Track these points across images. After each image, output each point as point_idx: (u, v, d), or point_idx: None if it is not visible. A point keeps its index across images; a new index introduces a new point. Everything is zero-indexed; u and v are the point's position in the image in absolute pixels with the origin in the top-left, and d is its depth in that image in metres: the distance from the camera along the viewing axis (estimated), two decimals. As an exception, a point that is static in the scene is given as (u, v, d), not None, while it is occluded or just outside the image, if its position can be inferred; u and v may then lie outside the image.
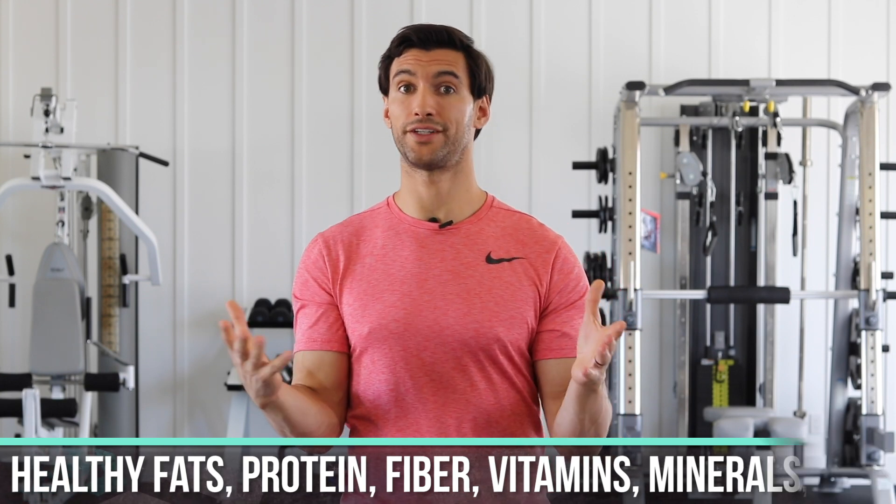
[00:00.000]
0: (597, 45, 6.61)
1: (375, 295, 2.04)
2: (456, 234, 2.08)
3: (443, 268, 2.05)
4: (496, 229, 2.09)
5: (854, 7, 6.64)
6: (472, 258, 2.06)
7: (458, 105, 2.06)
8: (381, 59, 2.12)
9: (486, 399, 2.02)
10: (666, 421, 6.57)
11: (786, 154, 6.22)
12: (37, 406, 5.30)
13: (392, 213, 2.12)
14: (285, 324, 6.26)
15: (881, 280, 5.72)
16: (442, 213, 2.09)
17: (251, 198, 6.59)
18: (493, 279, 2.04)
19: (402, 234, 2.09)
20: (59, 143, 5.71)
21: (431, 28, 2.09)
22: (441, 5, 6.56)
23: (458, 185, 2.09)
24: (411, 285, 2.03)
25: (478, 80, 2.10)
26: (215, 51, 6.59)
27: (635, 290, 5.57)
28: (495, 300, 2.03)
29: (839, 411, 6.13)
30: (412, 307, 2.02)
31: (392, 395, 2.03)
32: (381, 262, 2.07)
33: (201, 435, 6.57)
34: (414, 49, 2.07)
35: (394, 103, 2.09)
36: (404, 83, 2.06)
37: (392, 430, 2.02)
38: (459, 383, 2.01)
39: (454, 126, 2.05)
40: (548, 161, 6.54)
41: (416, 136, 2.04)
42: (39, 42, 6.56)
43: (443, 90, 2.05)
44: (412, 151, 2.05)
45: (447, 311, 2.02)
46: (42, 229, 6.35)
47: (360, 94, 6.58)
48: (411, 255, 2.06)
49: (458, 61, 2.08)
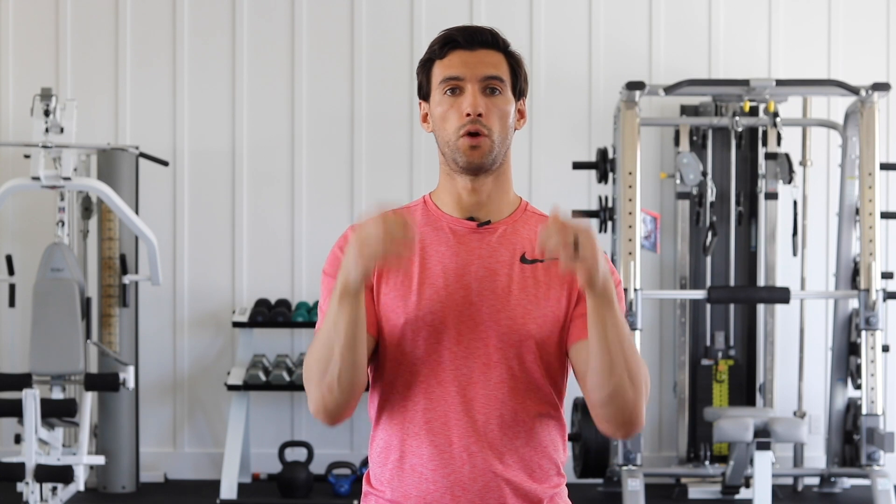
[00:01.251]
0: (597, 45, 6.61)
1: (412, 287, 2.06)
2: (493, 233, 2.11)
3: (479, 265, 2.07)
4: (530, 232, 2.12)
5: (854, 7, 6.64)
6: (507, 257, 2.09)
7: (504, 107, 2.08)
8: (421, 63, 2.13)
9: (515, 398, 2.04)
10: (666, 421, 6.58)
11: (786, 154, 6.22)
12: (37, 406, 5.30)
13: (429, 210, 2.14)
14: (285, 324, 6.26)
15: (881, 280, 5.72)
16: (480, 214, 2.12)
17: (251, 198, 6.59)
18: (526, 278, 2.07)
19: (441, 230, 2.11)
20: (59, 143, 5.71)
21: (476, 29, 2.10)
22: (441, 5, 6.56)
23: (498, 188, 2.12)
24: (448, 280, 2.05)
25: (518, 82, 2.12)
26: (215, 51, 6.59)
27: (635, 290, 5.58)
28: (528, 298, 2.05)
29: (839, 411, 6.13)
30: (448, 301, 2.04)
31: (422, 387, 2.04)
32: (419, 255, 2.08)
33: (201, 435, 6.57)
34: (459, 50, 2.08)
35: (440, 106, 2.08)
36: (451, 86, 2.07)
37: (420, 423, 2.03)
38: (490, 379, 2.03)
39: (499, 129, 2.07)
40: (548, 161, 6.55)
41: (469, 139, 2.05)
42: (39, 42, 6.56)
43: (489, 92, 2.07)
44: (463, 155, 2.06)
45: (482, 307, 2.04)
46: (42, 229, 6.35)
47: (360, 94, 6.58)
48: (448, 251, 2.08)
49: (502, 63, 2.09)
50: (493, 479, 2.02)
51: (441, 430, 2.02)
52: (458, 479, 2.02)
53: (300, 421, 6.55)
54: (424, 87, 2.12)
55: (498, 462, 2.02)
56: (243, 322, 6.22)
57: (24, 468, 5.27)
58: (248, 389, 6.10)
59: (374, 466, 2.10)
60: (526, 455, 2.04)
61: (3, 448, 6.37)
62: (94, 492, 6.17)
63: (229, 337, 6.55)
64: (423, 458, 2.03)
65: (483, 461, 2.01)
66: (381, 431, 2.09)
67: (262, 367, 6.11)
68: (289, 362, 6.21)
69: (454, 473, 2.02)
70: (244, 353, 6.29)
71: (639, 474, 5.43)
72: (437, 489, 2.02)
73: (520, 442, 2.03)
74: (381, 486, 2.08)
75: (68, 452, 5.71)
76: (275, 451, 6.26)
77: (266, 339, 6.47)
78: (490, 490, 2.02)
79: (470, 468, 2.01)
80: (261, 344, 6.44)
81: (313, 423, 6.47)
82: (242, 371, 6.14)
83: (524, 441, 2.04)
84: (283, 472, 5.95)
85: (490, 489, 2.02)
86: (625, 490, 5.40)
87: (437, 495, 2.02)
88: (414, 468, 2.03)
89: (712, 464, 6.20)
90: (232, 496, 5.85)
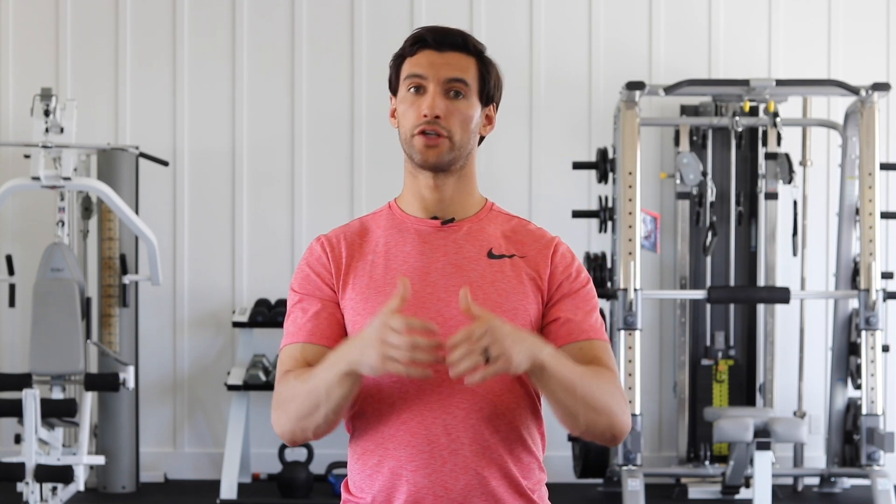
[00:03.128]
0: (597, 45, 6.61)
1: (379, 289, 2.05)
2: (458, 231, 2.10)
3: (445, 261, 2.07)
4: (496, 230, 2.12)
5: (854, 7, 6.64)
6: (473, 253, 2.08)
7: (466, 111, 2.07)
8: (393, 59, 2.13)
9: (492, 391, 2.02)
10: (666, 421, 6.57)
11: (786, 154, 6.22)
12: (37, 406, 5.30)
13: (394, 213, 2.14)
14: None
15: (881, 280, 5.72)
16: (444, 214, 2.11)
17: (251, 198, 6.59)
18: (494, 273, 2.06)
19: (405, 231, 2.10)
20: (59, 143, 5.71)
21: (447, 31, 2.09)
22: (441, 5, 6.56)
23: (460, 189, 2.11)
24: (414, 279, 2.04)
25: (487, 88, 2.11)
26: (215, 50, 6.59)
27: (635, 290, 5.57)
28: (497, 293, 2.05)
29: (839, 411, 6.13)
30: (415, 300, 2.02)
31: (396, 389, 2.02)
32: (383, 258, 2.08)
33: (201, 435, 6.57)
34: (427, 50, 2.08)
35: (402, 103, 2.09)
36: (415, 84, 2.07)
37: (396, 424, 2.01)
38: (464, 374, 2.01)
39: (460, 132, 2.06)
40: (548, 161, 6.54)
41: (424, 138, 2.05)
42: (39, 42, 6.56)
43: (452, 94, 2.06)
44: (419, 154, 2.06)
45: (450, 303, 2.03)
46: (42, 229, 6.35)
47: (360, 94, 6.58)
48: (414, 251, 2.08)
49: (470, 67, 2.09)
50: (476, 477, 2.00)
51: (419, 431, 2.00)
52: (439, 478, 2.00)
53: (300, 421, 6.53)
54: (393, 82, 2.13)
55: (480, 458, 2.00)
56: (243, 322, 6.22)
57: (24, 468, 5.27)
58: (248, 389, 6.10)
59: (353, 473, 2.08)
60: (507, 450, 2.02)
61: (3, 448, 6.37)
62: (94, 492, 6.17)
63: (229, 337, 6.55)
64: (402, 459, 2.00)
65: (465, 458, 1.99)
66: (357, 437, 2.08)
67: (262, 367, 6.11)
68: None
69: (435, 473, 2.00)
70: (244, 353, 6.29)
71: (639, 474, 5.43)
72: (418, 490, 2.00)
73: (500, 437, 2.01)
74: (362, 492, 2.06)
75: (68, 452, 5.71)
76: (275, 451, 6.26)
77: (266, 339, 6.47)
78: (473, 487, 2.00)
79: (452, 466, 1.99)
80: (261, 344, 6.44)
81: (313, 423, 6.46)
82: (242, 371, 6.14)
83: (504, 435, 2.02)
84: (283, 472, 5.95)
85: (473, 486, 2.00)
86: (625, 490, 5.39)
87: (419, 496, 2.00)
88: (394, 471, 2.01)
89: (712, 464, 6.20)
90: (232, 496, 5.85)
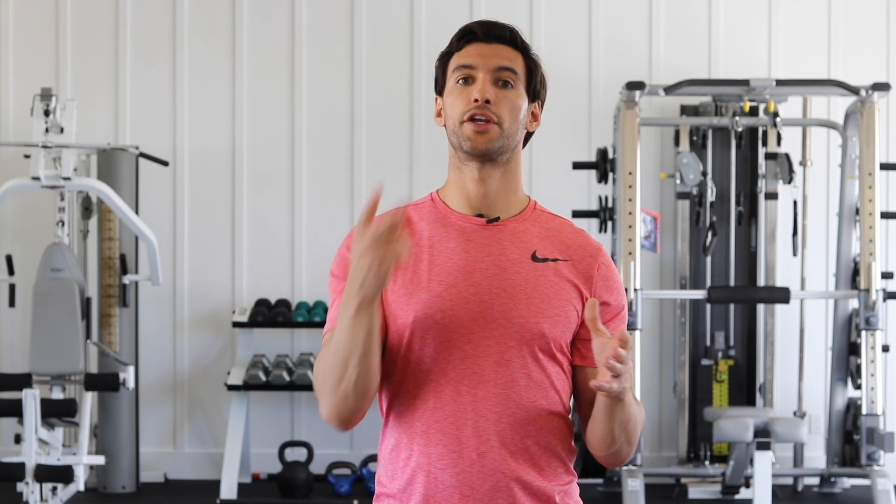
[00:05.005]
0: (597, 45, 6.61)
1: (421, 284, 2.03)
2: (502, 230, 2.08)
3: (489, 262, 2.05)
4: (540, 230, 2.10)
5: (854, 7, 6.64)
6: (517, 255, 2.06)
7: (516, 100, 2.07)
8: (439, 58, 2.12)
9: (526, 396, 2.02)
10: (666, 421, 6.58)
11: (786, 154, 6.22)
12: (37, 406, 5.30)
13: (437, 207, 2.11)
14: (285, 324, 6.26)
15: (881, 280, 5.72)
16: (488, 211, 2.09)
17: (251, 198, 6.59)
18: (538, 277, 2.05)
19: (449, 227, 2.08)
20: (59, 143, 5.71)
21: (495, 24, 2.11)
22: (441, 5, 6.56)
23: (505, 184, 2.10)
24: (457, 277, 2.03)
25: (533, 83, 2.11)
26: (215, 51, 6.59)
27: (635, 290, 5.58)
28: (540, 297, 2.03)
29: (839, 411, 6.13)
30: (458, 298, 2.01)
31: (432, 385, 2.02)
32: (427, 252, 2.06)
33: (201, 435, 6.57)
34: (476, 43, 2.08)
35: (450, 95, 2.07)
36: (464, 76, 2.06)
37: (429, 422, 2.01)
38: (501, 378, 2.01)
39: (509, 119, 2.06)
40: (548, 161, 6.54)
41: (473, 124, 2.03)
42: (39, 42, 6.56)
43: (501, 84, 2.06)
44: (468, 140, 2.04)
45: (493, 304, 2.02)
46: (42, 229, 6.35)
47: (360, 94, 6.58)
48: (458, 248, 2.06)
49: (518, 60, 2.10)
50: (503, 479, 2.00)
51: (450, 429, 2.00)
52: (467, 478, 2.00)
53: (300, 421, 6.55)
54: (440, 80, 2.11)
55: (508, 461, 2.00)
56: (243, 322, 6.22)
57: (24, 468, 5.27)
58: (248, 389, 6.10)
59: (384, 466, 2.08)
60: (536, 453, 2.02)
61: (3, 448, 6.37)
62: (94, 492, 6.17)
63: (229, 337, 6.55)
64: (432, 457, 2.00)
65: (493, 460, 1.99)
66: (390, 430, 2.07)
67: (262, 367, 6.11)
68: (289, 362, 6.21)
69: (464, 473, 2.00)
70: (244, 353, 6.29)
71: (639, 474, 5.43)
72: (446, 488, 2.00)
73: (530, 440, 2.02)
74: (392, 486, 2.06)
75: (68, 452, 5.71)
76: (275, 451, 6.26)
77: (266, 339, 6.47)
78: (500, 489, 2.00)
79: (479, 467, 1.99)
80: (261, 344, 6.44)
81: (313, 423, 6.47)
82: (242, 371, 6.14)
83: (534, 440, 2.02)
84: (283, 472, 5.95)
85: (500, 488, 2.00)
86: (625, 490, 5.40)
87: (446, 494, 2.00)
88: (423, 467, 2.01)
89: (712, 464, 6.20)
90: (232, 496, 5.85)
